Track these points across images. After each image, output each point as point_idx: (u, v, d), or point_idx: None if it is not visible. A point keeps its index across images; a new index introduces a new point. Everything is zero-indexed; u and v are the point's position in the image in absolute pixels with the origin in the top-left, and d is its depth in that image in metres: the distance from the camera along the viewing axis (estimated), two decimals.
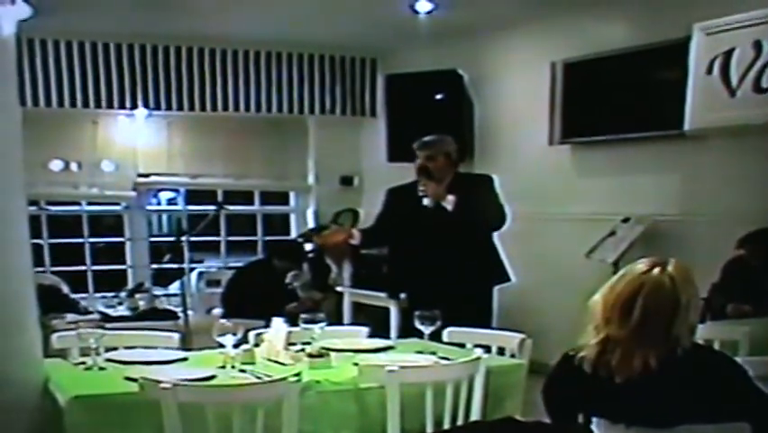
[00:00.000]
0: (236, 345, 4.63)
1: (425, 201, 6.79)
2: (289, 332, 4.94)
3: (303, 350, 4.90)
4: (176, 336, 5.36)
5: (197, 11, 9.11)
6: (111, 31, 9.93)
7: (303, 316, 4.94)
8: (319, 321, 4.92)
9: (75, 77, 10.07)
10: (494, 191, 6.88)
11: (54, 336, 5.21)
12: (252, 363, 4.70)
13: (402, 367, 4.29)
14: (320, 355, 4.73)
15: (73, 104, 10.11)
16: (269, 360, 4.81)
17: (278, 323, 4.98)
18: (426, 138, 6.97)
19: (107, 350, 5.04)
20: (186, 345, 5.94)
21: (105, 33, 10.02)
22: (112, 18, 9.31)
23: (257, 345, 5.04)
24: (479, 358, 4.51)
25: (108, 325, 8.03)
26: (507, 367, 4.94)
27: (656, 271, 3.27)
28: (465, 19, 9.45)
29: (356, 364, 4.52)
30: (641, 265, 3.33)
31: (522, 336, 5.16)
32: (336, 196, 11.74)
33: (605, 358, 3.25)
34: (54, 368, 4.67)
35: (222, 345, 4.61)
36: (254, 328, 5.29)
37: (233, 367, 4.54)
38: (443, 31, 9.66)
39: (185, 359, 4.94)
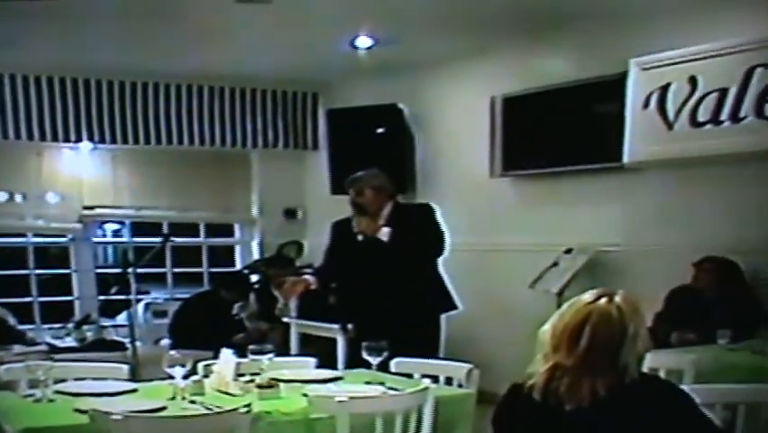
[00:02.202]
0: (186, 377, 4.66)
1: (359, 237, 6.91)
2: (238, 363, 4.99)
3: (252, 381, 4.91)
4: (125, 367, 5.39)
5: (142, 45, 9.17)
6: (55, 64, 9.95)
7: (251, 347, 5.00)
8: (267, 352, 4.98)
9: (19, 109, 10.06)
10: (433, 220, 6.98)
11: (1, 368, 5.23)
12: (202, 395, 4.72)
13: (352, 398, 4.35)
14: (269, 386, 4.78)
15: (18, 136, 10.09)
16: (219, 391, 4.85)
17: (227, 354, 5.03)
18: (354, 174, 7.07)
19: (56, 382, 5.04)
20: (135, 376, 5.95)
21: (50, 67, 10.04)
22: (56, 52, 9.33)
23: (206, 376, 5.08)
24: (427, 388, 4.59)
25: (56, 356, 8.16)
26: (455, 397, 5.00)
27: (604, 300, 3.35)
28: (405, 54, 9.57)
29: (305, 395, 4.55)
30: (588, 295, 3.41)
31: (470, 366, 5.22)
32: (281, 228, 11.81)
33: (554, 385, 3.31)
34: (1, 400, 4.67)
35: (171, 377, 4.64)
36: (203, 359, 5.34)
37: (182, 399, 4.55)
38: (384, 65, 9.80)
39: (134, 390, 4.95)
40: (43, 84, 10.19)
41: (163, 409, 4.40)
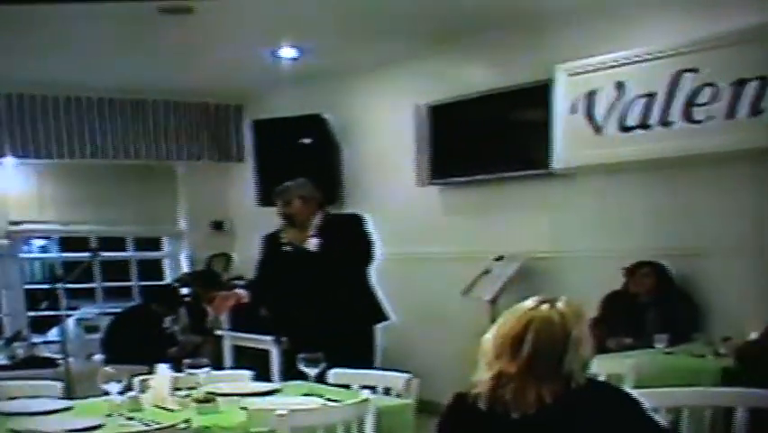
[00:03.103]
0: (122, 393, 4.62)
1: (286, 247, 6.90)
2: (175, 377, 4.96)
3: (189, 396, 4.89)
4: (58, 384, 5.32)
5: (65, 58, 9.09)
6: None
7: (186, 361, 4.99)
8: (203, 366, 4.96)
9: None
10: (362, 229, 6.96)
11: None
12: (139, 411, 4.67)
13: (292, 411, 4.32)
14: (207, 401, 4.75)
15: None
16: (156, 406, 4.80)
17: (163, 369, 4.99)
18: (282, 185, 7.06)
19: None
20: (69, 393, 5.88)
21: None
22: None
23: (143, 391, 5.04)
24: (367, 399, 4.58)
25: None
26: (395, 407, 4.97)
27: (545, 306, 3.34)
28: (329, 63, 9.59)
29: (244, 409, 4.55)
30: (530, 302, 3.41)
31: (408, 375, 5.21)
32: (208, 240, 11.76)
33: (499, 393, 3.29)
34: None
35: (106, 393, 4.60)
36: (138, 374, 5.29)
37: (120, 415, 4.51)
38: (308, 75, 9.79)
39: (70, 408, 4.88)
40: None
41: (100, 426, 4.36)
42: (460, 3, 7.65)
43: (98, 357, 9.47)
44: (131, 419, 4.50)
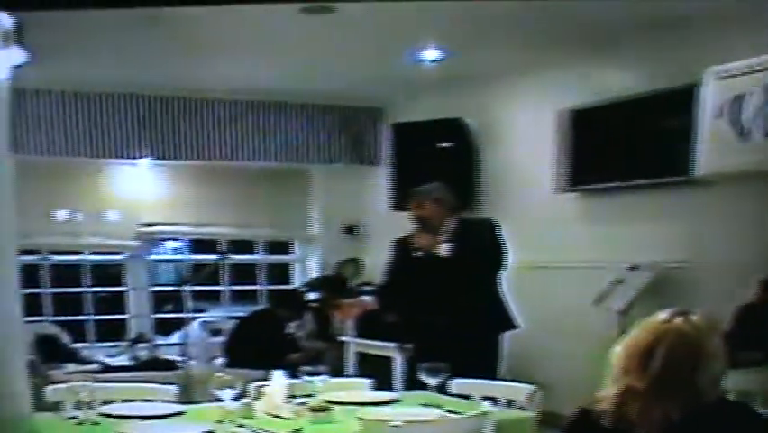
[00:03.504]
0: (236, 399, 4.46)
1: (416, 252, 6.68)
2: (290, 385, 4.78)
3: (304, 403, 4.72)
4: (173, 388, 5.17)
5: (203, 60, 9.00)
6: (115, 80, 9.80)
7: (303, 368, 4.79)
8: (320, 373, 4.77)
9: (79, 126, 9.96)
10: (495, 235, 6.72)
11: (48, 389, 5.02)
12: (251, 418, 4.52)
13: (407, 422, 4.11)
14: (322, 409, 4.56)
15: (77, 153, 9.99)
16: (269, 414, 4.64)
17: (278, 376, 4.82)
18: (416, 188, 6.86)
19: (103, 403, 4.88)
20: (187, 396, 5.84)
21: (110, 83, 9.90)
22: (116, 67, 9.18)
23: (257, 398, 4.88)
24: (486, 412, 4.33)
25: (106, 375, 8.07)
26: (515, 420, 4.77)
27: (679, 319, 3.09)
28: (471, 67, 9.36)
29: (359, 419, 4.35)
30: (663, 315, 3.15)
31: (531, 387, 4.98)
32: (340, 245, 11.62)
33: (624, 410, 3.05)
34: (45, 423, 4.50)
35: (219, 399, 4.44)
36: (255, 380, 5.14)
37: (230, 422, 4.36)
38: (449, 79, 9.58)
39: (181, 413, 4.75)
40: (103, 100, 10.08)
41: None
42: (605, 8, 7.39)
43: (220, 361, 9.40)
44: (241, 426, 4.36)
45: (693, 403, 2.99)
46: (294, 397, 4.83)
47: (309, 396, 4.75)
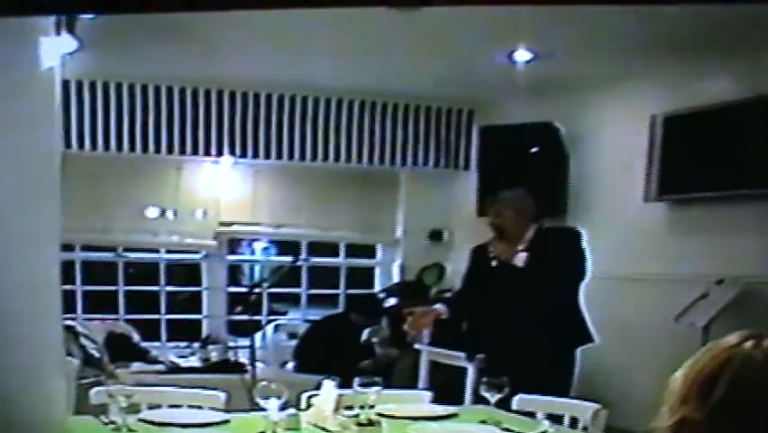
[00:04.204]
0: (283, 408, 4.21)
1: (493, 262, 6.47)
2: (340, 394, 4.51)
3: (357, 415, 4.47)
4: (221, 395, 4.94)
5: (288, 57, 8.85)
6: (197, 76, 9.68)
7: (358, 379, 4.53)
8: (375, 384, 4.50)
9: (160, 122, 9.82)
10: (577, 245, 6.47)
11: (92, 391, 4.83)
12: (297, 430, 4.29)
13: None
14: (370, 423, 4.29)
15: (157, 150, 9.85)
16: (316, 426, 4.39)
17: (329, 385, 4.56)
18: (498, 194, 6.59)
19: (150, 407, 4.69)
20: (250, 401, 5.62)
21: (192, 78, 9.77)
22: (198, 63, 9.04)
23: (309, 407, 4.63)
24: (545, 432, 4.02)
25: (171, 376, 7.95)
26: None
27: (749, 344, 2.68)
28: (564, 71, 9.07)
29: None
30: (732, 337, 2.75)
31: (597, 406, 4.69)
32: (424, 250, 11.31)
33: None
34: (81, 426, 4.31)
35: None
36: (308, 389, 4.91)
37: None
38: (541, 83, 9.24)
39: (226, 422, 4.54)
40: (186, 96, 9.94)
41: None
42: (703, 11, 7.02)
43: (291, 365, 9.22)
44: None
45: None
46: (350, 408, 4.59)
47: (364, 407, 4.50)
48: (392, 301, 10.09)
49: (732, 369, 2.66)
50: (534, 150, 9.84)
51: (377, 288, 11.44)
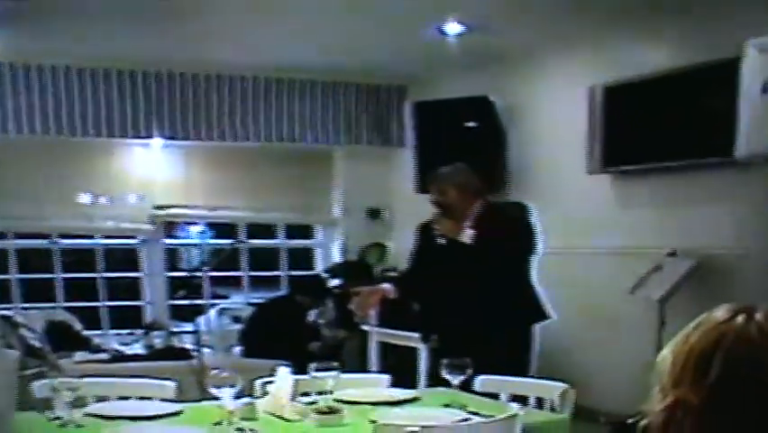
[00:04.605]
0: (238, 396, 4.04)
1: (440, 240, 6.30)
2: (297, 381, 4.35)
3: (314, 402, 4.33)
4: (170, 385, 4.75)
5: (218, 36, 8.66)
6: (125, 56, 9.45)
7: (314, 365, 4.36)
8: (332, 369, 4.35)
9: (87, 105, 9.59)
10: (524, 219, 6.33)
11: (36, 385, 4.62)
12: (253, 419, 4.10)
13: (425, 427, 3.67)
14: (331, 412, 4.13)
15: (86, 132, 9.61)
16: (273, 414, 4.22)
17: (284, 372, 4.39)
18: (437, 171, 6.44)
19: (99, 399, 4.50)
20: (200, 388, 5.44)
21: (120, 59, 9.53)
22: (126, 43, 8.84)
23: (265, 394, 4.46)
24: (515, 414, 3.88)
25: (117, 364, 7.77)
26: (547, 423, 4.37)
27: (741, 319, 2.54)
28: (498, 42, 8.91)
29: (372, 422, 3.92)
30: (721, 312, 2.60)
31: (564, 385, 4.56)
32: (364, 229, 11.20)
33: (674, 428, 2.55)
34: (26, 422, 4.11)
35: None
36: (261, 376, 4.75)
37: (229, 424, 3.94)
38: (475, 55, 9.16)
39: (178, 413, 4.34)
40: (112, 77, 9.70)
41: None
42: None
43: (238, 349, 9.06)
44: (240, 430, 3.94)
45: (763, 419, 2.50)
46: (306, 394, 4.45)
47: (323, 393, 4.36)
48: (336, 282, 9.94)
49: (725, 346, 2.52)
50: (470, 124, 9.71)
51: (318, 268, 11.30)
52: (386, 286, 6.71)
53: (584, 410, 4.51)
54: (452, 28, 8.41)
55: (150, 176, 10.34)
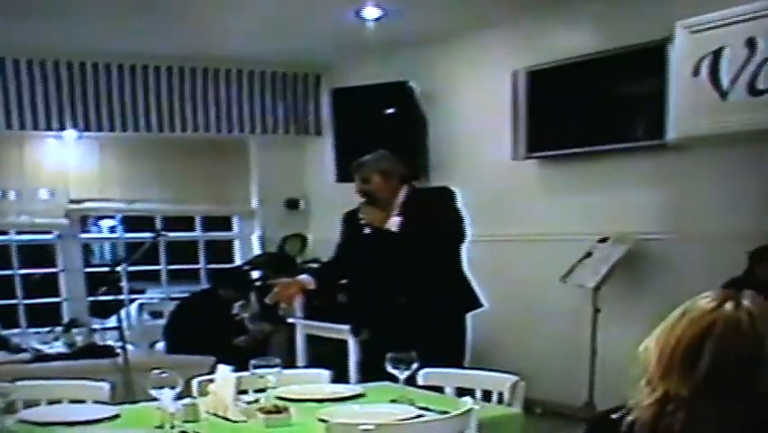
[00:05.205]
0: (179, 397, 3.86)
1: (366, 229, 6.16)
2: (239, 378, 4.17)
3: (256, 401, 4.17)
4: (105, 386, 4.55)
5: (129, 25, 8.47)
6: (35, 46, 9.18)
7: (254, 361, 4.20)
8: (273, 365, 4.19)
9: None
10: (451, 204, 6.17)
11: None
12: (196, 421, 3.92)
13: (379, 425, 3.52)
14: (277, 411, 3.96)
15: None
16: (216, 415, 4.05)
17: (225, 370, 4.20)
18: (360, 159, 6.30)
19: (28, 405, 4.28)
20: (127, 386, 5.35)
21: (30, 49, 9.27)
22: (36, 32, 8.57)
23: (204, 394, 4.28)
24: (471, 409, 3.74)
25: (39, 365, 7.53)
26: (501, 418, 4.23)
27: (729, 306, 2.43)
28: (416, 27, 8.79)
29: (322, 421, 3.77)
30: (707, 299, 2.49)
31: (514, 378, 4.44)
32: (282, 220, 11.05)
33: (665, 422, 2.42)
34: None
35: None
36: (198, 375, 4.57)
37: (172, 427, 3.76)
38: (393, 40, 9.04)
39: (116, 417, 4.14)
40: (21, 67, 9.41)
41: None
42: None
43: (161, 345, 8.86)
44: (184, 432, 3.74)
45: (754, 411, 2.39)
46: (244, 392, 4.29)
47: (261, 391, 4.22)
48: (258, 274, 9.76)
49: (715, 336, 2.42)
50: (389, 111, 9.59)
51: (237, 261, 11.13)
52: (303, 277, 6.50)
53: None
54: (370, 12, 8.30)
55: (64, 169, 10.07)
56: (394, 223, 6.04)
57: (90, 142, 10.15)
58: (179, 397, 3.88)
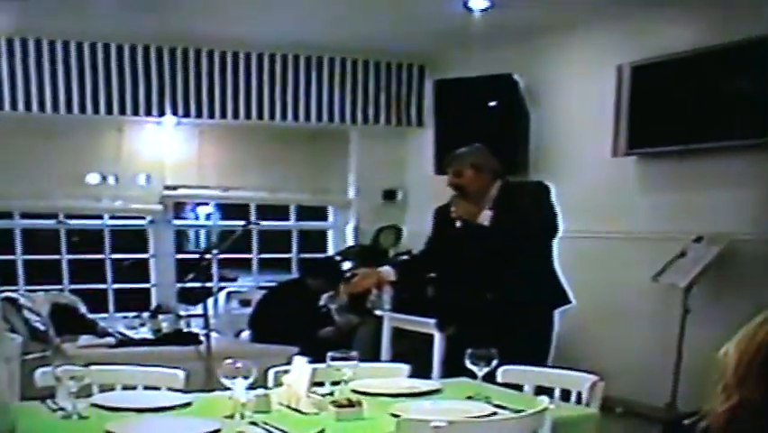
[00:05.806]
0: (252, 387, 3.80)
1: (457, 223, 6.10)
2: (314, 370, 4.09)
3: (332, 393, 4.10)
4: (181, 374, 4.50)
5: (232, 11, 8.41)
6: (138, 32, 9.18)
7: (331, 354, 4.12)
8: (351, 358, 4.10)
9: (99, 81, 9.33)
10: (545, 200, 6.06)
11: (38, 373, 4.37)
12: (267, 412, 3.87)
13: (451, 422, 3.41)
14: (350, 404, 3.87)
15: (96, 110, 9.35)
16: (288, 407, 3.97)
17: (301, 362, 4.13)
18: (454, 152, 6.22)
19: (103, 388, 4.25)
20: (208, 373, 5.49)
21: (133, 35, 9.29)
22: (139, 18, 8.54)
23: (279, 384, 4.21)
24: (545, 408, 3.62)
25: (124, 349, 7.56)
26: (577, 418, 4.12)
27: None
28: (522, 19, 8.64)
29: (394, 415, 3.68)
30: None
31: (594, 377, 4.31)
32: (378, 211, 10.95)
33: (736, 427, 2.29)
34: (27, 414, 3.85)
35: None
36: (275, 365, 4.51)
37: (242, 417, 3.71)
38: (498, 32, 8.86)
39: (187, 405, 4.09)
40: (124, 53, 9.45)
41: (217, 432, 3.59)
42: None
43: (246, 334, 8.83)
44: (253, 424, 3.70)
45: None
46: (320, 384, 4.21)
47: (338, 383, 4.14)
48: (349, 265, 9.69)
49: None
50: (492, 104, 9.47)
51: (330, 251, 11.07)
52: (384, 269, 6.43)
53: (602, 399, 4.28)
54: (478, 3, 8.15)
55: (161, 155, 10.09)
56: (485, 217, 5.96)
57: (189, 129, 10.14)
58: (252, 387, 3.81)
